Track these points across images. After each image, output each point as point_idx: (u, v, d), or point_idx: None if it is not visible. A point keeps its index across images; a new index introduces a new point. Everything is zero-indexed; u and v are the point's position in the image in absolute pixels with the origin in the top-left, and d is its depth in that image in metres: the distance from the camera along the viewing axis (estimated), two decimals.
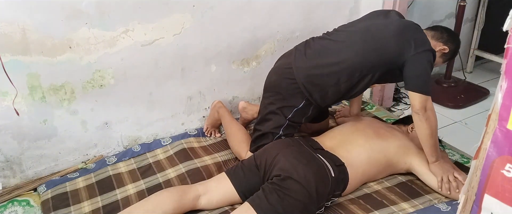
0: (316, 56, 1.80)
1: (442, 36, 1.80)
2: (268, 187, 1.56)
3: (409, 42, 1.66)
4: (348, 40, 1.77)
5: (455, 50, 1.84)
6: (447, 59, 1.86)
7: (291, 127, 1.89)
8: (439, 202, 1.72)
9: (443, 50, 1.78)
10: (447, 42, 1.79)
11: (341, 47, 1.77)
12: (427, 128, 1.68)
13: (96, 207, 1.75)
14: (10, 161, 1.88)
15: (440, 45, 1.78)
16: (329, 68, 1.75)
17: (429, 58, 1.67)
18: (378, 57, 1.71)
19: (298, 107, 1.84)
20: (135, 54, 1.94)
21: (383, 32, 1.72)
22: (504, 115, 0.91)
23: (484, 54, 2.96)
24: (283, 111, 1.86)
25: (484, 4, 2.85)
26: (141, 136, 2.17)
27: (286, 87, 1.84)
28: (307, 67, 1.79)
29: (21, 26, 1.65)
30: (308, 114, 1.88)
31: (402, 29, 1.70)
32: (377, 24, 1.77)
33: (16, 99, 1.73)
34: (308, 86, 1.79)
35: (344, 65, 1.73)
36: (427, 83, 1.66)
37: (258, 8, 2.16)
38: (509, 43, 0.88)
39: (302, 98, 1.83)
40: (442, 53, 1.79)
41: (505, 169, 0.94)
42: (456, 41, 1.83)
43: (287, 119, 1.86)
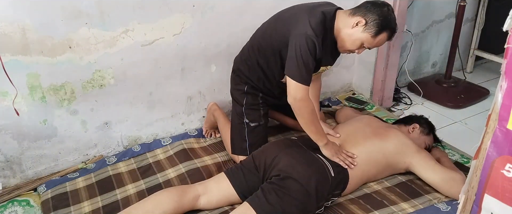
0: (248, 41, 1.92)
1: (360, 9, 1.63)
2: (267, 186, 1.56)
3: (290, 24, 1.64)
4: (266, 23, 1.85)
5: (381, 20, 1.60)
6: (376, 32, 1.61)
7: (251, 110, 1.93)
8: (439, 202, 1.72)
9: (360, 23, 1.61)
10: (365, 14, 1.61)
11: (259, 30, 1.86)
12: (300, 117, 1.66)
13: (96, 207, 1.75)
14: (10, 161, 1.88)
15: (356, 18, 1.61)
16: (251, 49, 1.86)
17: (303, 42, 1.55)
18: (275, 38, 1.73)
19: (245, 90, 1.92)
20: (135, 54, 1.94)
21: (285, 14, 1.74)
22: (504, 115, 0.91)
23: (484, 54, 2.96)
24: (237, 99, 1.95)
25: (484, 4, 2.85)
26: (141, 136, 2.17)
27: (232, 79, 1.99)
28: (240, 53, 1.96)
29: (21, 26, 1.65)
30: (259, 94, 1.93)
31: (297, 11, 1.68)
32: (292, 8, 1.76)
33: (16, 99, 1.73)
34: (242, 68, 1.91)
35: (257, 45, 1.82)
36: (298, 69, 1.57)
37: (258, 8, 2.16)
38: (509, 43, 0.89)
39: (245, 83, 1.91)
40: (362, 27, 1.61)
41: (505, 169, 0.94)
42: (376, 10, 1.61)
43: (243, 105, 1.93)
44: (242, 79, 1.92)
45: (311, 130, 1.69)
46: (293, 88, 1.60)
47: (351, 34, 1.64)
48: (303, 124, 1.69)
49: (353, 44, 1.66)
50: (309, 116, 1.66)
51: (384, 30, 1.63)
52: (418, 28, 2.74)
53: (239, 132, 1.95)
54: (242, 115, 1.93)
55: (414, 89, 2.76)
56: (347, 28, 1.64)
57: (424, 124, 2.01)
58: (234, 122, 1.98)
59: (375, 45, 1.68)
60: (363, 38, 1.63)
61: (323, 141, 1.71)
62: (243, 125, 1.93)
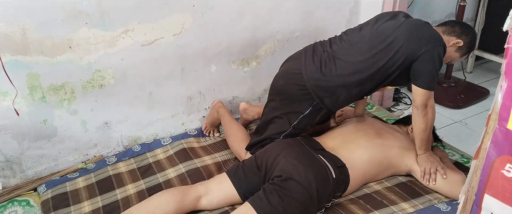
0: (326, 65, 1.72)
1: (454, 29, 1.74)
2: (268, 187, 1.56)
3: (419, 41, 1.63)
4: (357, 45, 1.71)
5: (471, 42, 1.76)
6: (465, 53, 1.77)
7: (293, 134, 1.84)
8: (439, 202, 1.72)
9: (457, 44, 1.72)
10: (460, 35, 1.73)
11: (351, 53, 1.70)
12: (423, 123, 1.70)
13: (96, 207, 1.75)
14: (10, 161, 1.88)
15: (453, 39, 1.72)
16: (340, 78, 1.70)
17: (439, 54, 1.63)
18: (388, 60, 1.65)
19: (305, 113, 1.78)
20: (135, 54, 1.94)
21: (392, 35, 1.66)
22: (504, 115, 0.91)
23: (484, 54, 2.96)
24: (289, 117, 1.81)
25: (484, 4, 2.85)
26: (141, 136, 2.17)
27: (294, 92, 1.77)
28: (317, 76, 1.71)
29: (21, 26, 1.65)
30: (315, 120, 1.84)
31: (411, 29, 1.67)
32: (385, 26, 1.71)
33: (16, 99, 1.73)
34: (319, 92, 1.72)
35: (353, 71, 1.68)
36: (433, 80, 1.65)
37: (258, 8, 2.16)
38: (509, 43, 0.89)
39: (310, 105, 1.76)
40: (457, 48, 1.74)
41: (505, 169, 0.94)
42: (470, 33, 1.75)
43: (292, 125, 1.81)
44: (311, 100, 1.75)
45: (423, 137, 1.74)
46: (426, 97, 1.66)
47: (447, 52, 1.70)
48: (421, 130, 1.72)
49: (445, 61, 1.75)
50: (433, 121, 1.73)
51: (471, 51, 1.81)
52: None
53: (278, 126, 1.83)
54: (283, 133, 1.82)
55: None
56: None
57: None
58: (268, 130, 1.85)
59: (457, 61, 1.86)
60: (453, 56, 1.77)
61: (428, 149, 1.78)
62: (288, 125, 1.81)
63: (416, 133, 1.75)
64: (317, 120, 1.84)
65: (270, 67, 1.99)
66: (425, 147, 1.76)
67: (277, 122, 1.84)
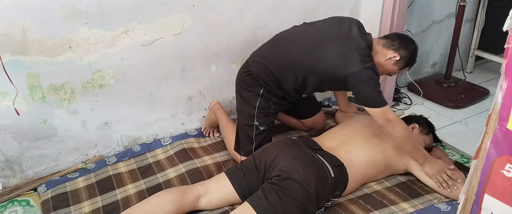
0: (269, 48, 1.88)
1: (393, 43, 1.77)
2: (268, 187, 1.56)
3: (348, 59, 1.66)
4: (299, 39, 1.80)
5: (410, 56, 1.79)
6: (403, 67, 1.81)
7: (263, 115, 1.91)
8: (439, 202, 1.72)
9: (394, 57, 1.75)
10: (398, 49, 1.76)
11: (292, 44, 1.81)
12: (397, 138, 1.71)
13: (96, 207, 1.75)
14: (10, 161, 1.88)
15: (390, 53, 1.76)
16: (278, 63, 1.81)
17: (367, 76, 1.64)
18: (317, 63, 1.72)
19: (260, 93, 1.89)
20: (135, 54, 1.94)
21: (327, 41, 1.73)
22: (504, 115, 0.91)
23: (484, 54, 2.96)
24: (250, 101, 1.92)
25: (484, 4, 2.85)
26: (141, 136, 2.17)
27: (244, 79, 1.93)
28: (260, 60, 1.86)
29: (21, 26, 1.65)
30: (272, 99, 1.91)
31: (345, 44, 1.70)
32: (328, 31, 1.77)
33: (16, 99, 1.73)
34: (262, 75, 1.85)
35: (288, 61, 1.78)
36: (376, 98, 1.66)
37: (258, 8, 2.16)
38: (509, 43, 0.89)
39: (260, 86, 1.88)
40: (394, 61, 1.77)
41: (505, 169, 0.94)
42: (408, 47, 1.77)
43: (255, 107, 1.90)
44: (259, 82, 1.88)
45: (409, 148, 1.74)
46: (381, 115, 1.68)
47: (383, 65, 1.77)
48: (402, 143, 1.73)
49: (383, 73, 1.81)
50: (406, 131, 1.72)
51: (410, 65, 1.84)
52: (418, 28, 2.73)
53: (247, 133, 1.93)
54: (253, 117, 1.91)
55: (414, 89, 2.76)
56: (379, 58, 1.76)
57: (423, 123, 2.00)
58: (242, 123, 1.96)
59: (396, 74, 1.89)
60: (391, 69, 1.81)
61: (421, 159, 1.75)
62: (252, 127, 1.92)
63: (401, 148, 1.76)
64: (275, 98, 1.91)
65: None
66: (419, 156, 1.75)
67: (244, 110, 1.95)
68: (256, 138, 1.92)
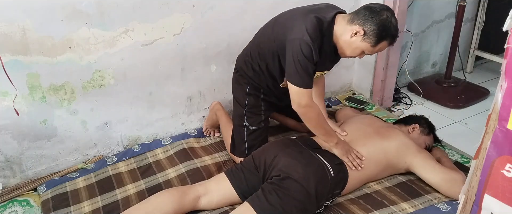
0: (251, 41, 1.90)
1: (358, 17, 1.57)
2: (267, 186, 1.56)
3: (286, 31, 1.61)
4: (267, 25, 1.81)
5: (379, 29, 1.55)
6: (376, 42, 1.58)
7: (252, 114, 1.92)
8: (439, 202, 1.72)
9: (358, 33, 1.56)
10: (364, 23, 1.55)
11: (261, 31, 1.84)
12: (307, 122, 1.69)
13: (96, 207, 1.75)
14: (10, 161, 1.88)
15: (355, 28, 1.57)
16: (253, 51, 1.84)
17: (297, 47, 1.53)
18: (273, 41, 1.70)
19: (247, 90, 1.90)
20: (135, 54, 1.94)
21: (283, 17, 1.73)
22: (504, 115, 0.91)
23: (484, 54, 2.96)
24: (239, 100, 1.94)
25: (484, 4, 2.85)
26: (141, 136, 2.17)
27: (234, 78, 1.97)
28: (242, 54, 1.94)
29: (21, 26, 1.65)
30: (260, 96, 1.91)
31: (295, 15, 1.65)
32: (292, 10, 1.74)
33: (16, 99, 1.73)
34: (245, 69, 1.88)
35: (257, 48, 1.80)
36: (297, 74, 1.56)
37: (258, 8, 2.16)
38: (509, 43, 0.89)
39: (247, 83, 1.90)
40: (361, 37, 1.57)
41: (505, 169, 0.94)
42: (374, 18, 1.55)
43: (244, 106, 1.91)
44: (245, 79, 1.91)
45: (320, 132, 1.72)
46: (296, 94, 1.61)
47: (351, 43, 1.60)
48: (312, 128, 1.71)
49: (353, 52, 1.64)
50: (317, 119, 1.67)
51: (383, 39, 1.59)
52: (418, 28, 2.74)
53: (239, 133, 1.94)
54: (243, 117, 1.93)
55: (414, 89, 2.76)
56: (346, 35, 1.60)
57: (424, 124, 2.01)
58: (235, 123, 1.98)
59: (376, 52, 1.66)
60: (363, 47, 1.60)
61: (333, 141, 1.72)
62: (243, 127, 1.93)
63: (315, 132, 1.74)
64: (262, 96, 1.92)
65: None
66: (329, 138, 1.72)
67: (235, 111, 1.99)
68: (247, 139, 1.92)
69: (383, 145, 1.79)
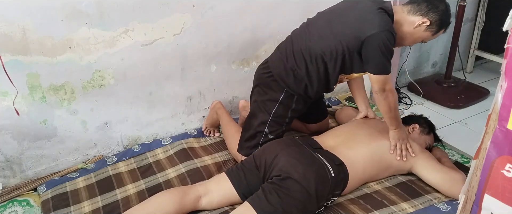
0: (287, 45, 1.82)
1: (420, 8, 1.65)
2: (268, 186, 1.56)
3: (363, 25, 1.62)
4: (312, 28, 1.77)
5: (443, 18, 1.65)
6: (437, 31, 1.68)
7: (276, 123, 1.87)
8: (439, 202, 1.72)
9: (423, 23, 1.64)
10: (427, 14, 1.64)
11: (306, 35, 1.76)
12: (385, 106, 1.75)
13: (96, 207, 1.75)
14: (10, 161, 1.88)
15: (418, 18, 1.65)
16: (298, 55, 1.76)
17: (384, 39, 1.58)
18: (335, 43, 1.68)
19: (279, 99, 1.83)
20: (135, 54, 1.94)
21: (343, 16, 1.70)
22: (504, 115, 0.91)
23: (484, 54, 2.96)
24: (266, 107, 1.86)
25: (484, 4, 2.85)
26: (141, 136, 2.17)
27: (264, 82, 1.87)
28: (278, 61, 1.82)
29: (21, 26, 1.65)
30: (292, 106, 1.86)
31: (360, 14, 1.66)
32: (342, 7, 1.74)
33: (16, 99, 1.73)
34: (282, 75, 1.80)
35: (305, 53, 1.74)
36: (383, 65, 1.64)
37: (258, 8, 2.16)
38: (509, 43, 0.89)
39: (281, 90, 1.82)
40: (425, 27, 1.65)
41: (505, 169, 0.94)
42: (439, 9, 1.64)
43: (271, 114, 1.85)
44: (280, 86, 1.81)
45: (392, 115, 1.77)
46: (381, 82, 1.68)
47: (413, 33, 1.68)
48: (387, 110, 1.76)
49: (414, 42, 1.75)
50: (395, 102, 1.75)
51: (443, 28, 1.69)
52: None
53: (254, 137, 1.88)
54: (265, 124, 1.86)
55: (414, 89, 2.76)
56: (407, 26, 1.67)
57: (424, 123, 2.01)
58: (252, 125, 1.89)
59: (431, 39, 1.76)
60: (424, 36, 1.70)
61: (398, 126, 1.79)
62: (261, 133, 1.87)
63: (383, 115, 1.80)
64: (294, 106, 1.87)
65: None
66: (394, 123, 1.79)
67: (257, 114, 1.89)
68: (262, 145, 1.86)
69: (384, 146, 1.79)
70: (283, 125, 1.89)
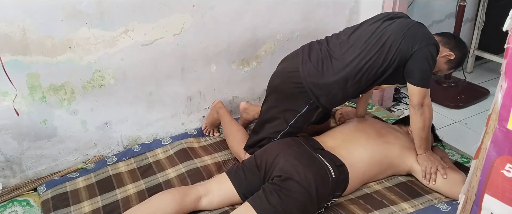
0: (322, 62, 1.74)
1: (449, 41, 1.76)
2: (268, 187, 1.56)
3: (412, 39, 1.64)
4: (353, 43, 1.73)
5: (462, 58, 1.78)
6: (452, 67, 1.80)
7: (290, 133, 1.85)
8: (439, 202, 1.72)
9: (449, 56, 1.74)
10: (454, 49, 1.75)
11: (347, 51, 1.72)
12: (420, 122, 1.71)
13: (96, 207, 1.75)
14: (10, 161, 1.88)
15: (446, 50, 1.74)
16: (336, 76, 1.71)
17: (431, 52, 1.64)
18: (382, 57, 1.67)
19: (301, 112, 1.79)
20: (135, 54, 1.94)
21: (386, 33, 1.69)
22: (504, 115, 0.91)
23: (484, 54, 2.96)
24: (286, 116, 1.82)
25: (484, 4, 2.85)
26: (141, 136, 2.17)
27: (291, 91, 1.78)
28: (314, 74, 1.73)
29: (21, 26, 1.65)
30: (311, 119, 1.84)
31: (405, 28, 1.68)
32: (381, 25, 1.73)
33: (16, 99, 1.73)
34: (315, 90, 1.74)
35: (349, 68, 1.69)
36: (427, 78, 1.66)
37: (258, 8, 2.16)
38: (509, 43, 0.89)
39: (306, 103, 1.77)
40: (447, 59, 1.76)
41: (505, 169, 0.94)
42: (463, 49, 1.77)
43: (289, 124, 1.82)
44: (308, 98, 1.77)
45: (422, 135, 1.74)
46: (422, 96, 1.67)
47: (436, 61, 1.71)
48: (419, 128, 1.72)
49: None
50: (430, 119, 1.73)
51: (457, 67, 1.82)
52: None
53: (263, 140, 1.84)
54: (280, 132, 1.83)
55: None
56: None
57: None
58: (265, 129, 1.86)
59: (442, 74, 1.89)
60: (442, 68, 1.78)
61: (427, 148, 1.77)
62: (285, 124, 1.82)
63: (414, 132, 1.76)
64: (313, 119, 1.85)
65: (270, 67, 1.99)
66: (424, 146, 1.76)
67: (274, 121, 1.85)
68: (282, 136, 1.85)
69: (384, 146, 1.79)
70: (294, 134, 1.88)
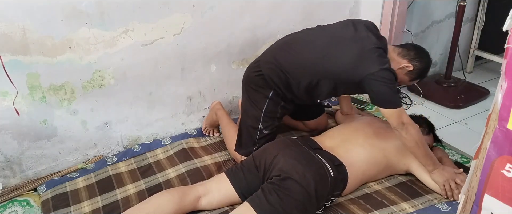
0: (282, 51, 1.82)
1: (409, 53, 1.75)
2: (267, 187, 1.56)
3: (365, 61, 1.64)
4: (312, 44, 1.76)
5: (423, 69, 1.77)
6: (414, 78, 1.79)
7: (269, 118, 1.89)
8: (439, 202, 1.72)
9: (407, 67, 1.73)
10: (413, 60, 1.74)
11: (306, 47, 1.77)
12: (410, 140, 1.67)
13: (96, 207, 1.75)
14: (10, 161, 1.88)
15: (404, 62, 1.73)
16: (291, 66, 1.77)
17: (385, 77, 1.62)
18: (332, 66, 1.69)
19: (269, 96, 1.86)
20: (135, 54, 1.94)
21: (344, 44, 1.70)
22: (504, 115, 0.91)
23: (484, 54, 2.96)
24: (257, 103, 1.89)
25: (484, 4, 2.84)
26: (141, 136, 2.17)
27: (254, 79, 1.88)
28: (269, 61, 1.83)
29: (21, 26, 1.65)
30: (281, 103, 1.88)
31: (362, 47, 1.66)
32: (343, 34, 1.74)
33: (16, 99, 1.73)
34: (273, 77, 1.81)
35: (302, 65, 1.75)
36: (393, 98, 1.64)
37: (258, 8, 2.16)
38: (509, 43, 0.89)
39: (270, 88, 1.84)
40: (407, 71, 1.75)
41: (505, 169, 0.94)
42: (423, 60, 1.76)
43: (262, 110, 1.87)
44: (269, 85, 1.84)
45: (421, 153, 1.70)
46: (396, 116, 1.64)
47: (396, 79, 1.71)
48: (416, 147, 1.68)
49: None
50: (419, 135, 1.68)
51: (421, 78, 1.81)
52: (418, 28, 2.73)
53: (251, 135, 1.91)
54: (259, 120, 1.89)
55: (414, 89, 2.75)
56: (393, 66, 1.70)
57: (423, 123, 2.00)
58: (246, 123, 1.93)
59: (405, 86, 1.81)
60: (402, 79, 1.77)
61: (433, 165, 1.72)
62: (256, 129, 1.90)
63: (412, 153, 1.72)
64: (283, 102, 1.89)
65: None
66: (430, 162, 1.71)
67: (250, 111, 1.92)
68: (259, 141, 1.90)
69: (383, 145, 1.79)
70: (275, 120, 1.92)
